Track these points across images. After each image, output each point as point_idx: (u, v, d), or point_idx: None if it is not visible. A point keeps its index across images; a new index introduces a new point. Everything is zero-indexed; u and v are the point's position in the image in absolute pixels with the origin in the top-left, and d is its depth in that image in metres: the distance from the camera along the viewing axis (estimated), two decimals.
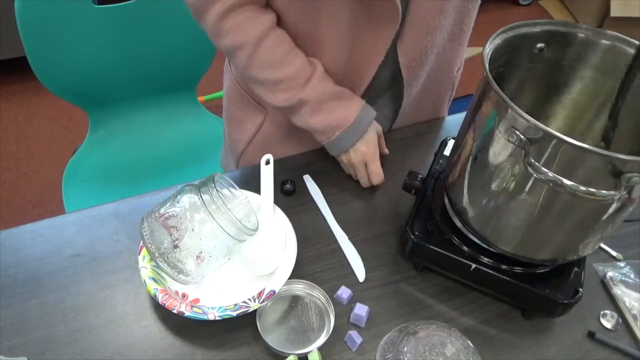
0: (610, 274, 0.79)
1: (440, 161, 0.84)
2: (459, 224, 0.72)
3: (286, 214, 0.77)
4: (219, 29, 0.76)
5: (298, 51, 0.80)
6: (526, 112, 0.53)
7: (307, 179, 0.88)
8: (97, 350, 0.66)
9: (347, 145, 0.83)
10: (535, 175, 0.54)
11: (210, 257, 0.68)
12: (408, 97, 0.90)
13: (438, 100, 1.00)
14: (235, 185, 0.73)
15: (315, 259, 0.78)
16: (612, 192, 0.52)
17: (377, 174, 0.86)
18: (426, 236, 0.73)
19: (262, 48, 0.77)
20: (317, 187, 0.87)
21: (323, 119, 0.81)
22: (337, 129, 0.81)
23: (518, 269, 0.70)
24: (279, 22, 0.80)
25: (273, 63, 0.78)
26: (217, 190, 0.67)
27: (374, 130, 0.85)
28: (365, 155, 0.84)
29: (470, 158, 0.65)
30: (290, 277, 0.71)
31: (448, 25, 0.81)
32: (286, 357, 0.66)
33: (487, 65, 0.59)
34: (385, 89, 0.90)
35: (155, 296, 0.67)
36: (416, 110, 0.97)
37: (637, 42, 0.62)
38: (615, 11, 2.68)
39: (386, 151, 0.92)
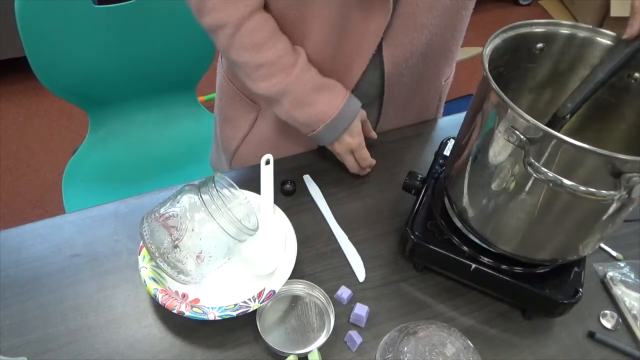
0: (610, 274, 0.79)
1: (441, 161, 0.84)
2: (459, 224, 0.72)
3: (286, 214, 0.77)
4: (202, 6, 0.74)
5: (282, 36, 0.77)
6: (526, 112, 0.53)
7: (307, 179, 0.88)
8: (97, 350, 0.66)
9: (332, 138, 0.83)
10: (535, 175, 0.54)
11: (210, 257, 0.68)
12: (390, 98, 0.89)
13: (423, 107, 0.99)
14: (235, 185, 0.73)
15: (315, 259, 0.78)
16: (612, 192, 0.52)
17: (364, 159, 0.86)
18: (426, 236, 0.73)
19: (244, 29, 0.74)
20: (317, 187, 0.87)
21: (306, 111, 0.80)
22: (320, 122, 0.80)
23: (518, 269, 0.70)
24: (266, 6, 0.78)
25: (254, 46, 0.75)
26: (217, 190, 0.67)
27: (359, 119, 0.84)
28: (350, 145, 0.84)
29: (470, 158, 0.65)
30: (290, 277, 0.71)
31: (437, 26, 0.80)
32: (286, 357, 0.66)
33: (487, 65, 0.59)
34: (372, 95, 0.89)
35: (155, 296, 0.67)
36: (400, 115, 0.96)
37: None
38: (615, 11, 2.69)
39: (373, 135, 0.91)
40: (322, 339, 0.67)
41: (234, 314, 0.66)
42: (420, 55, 0.84)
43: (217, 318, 0.65)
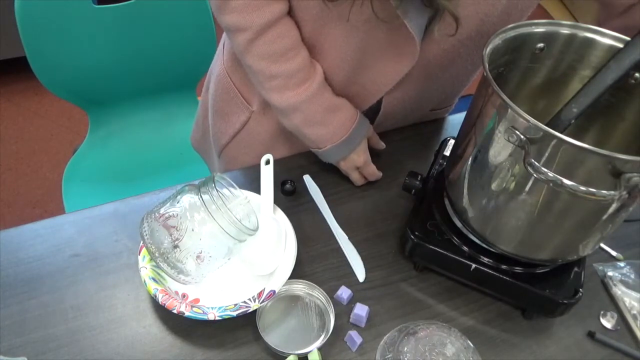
0: (610, 274, 0.79)
1: (440, 161, 0.84)
2: (459, 224, 0.72)
3: (286, 214, 0.77)
4: (224, 4, 0.71)
5: (302, 48, 0.75)
6: (526, 112, 0.53)
7: (307, 179, 0.88)
8: (97, 350, 0.66)
9: (338, 158, 0.83)
10: (535, 175, 0.54)
11: (210, 257, 0.68)
12: (383, 121, 0.90)
13: (423, 118, 1.00)
14: (235, 185, 0.73)
15: (315, 259, 0.78)
16: (612, 192, 0.52)
17: (372, 174, 0.86)
18: (426, 236, 0.73)
19: (265, 37, 0.72)
20: (317, 187, 0.87)
21: (316, 130, 0.79)
22: (328, 142, 0.80)
23: (518, 269, 0.70)
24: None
25: (272, 55, 0.73)
26: (217, 190, 0.67)
27: (365, 138, 0.84)
28: (355, 162, 0.83)
29: (470, 158, 0.65)
30: (290, 277, 0.71)
31: (445, 79, 0.82)
32: (286, 357, 0.66)
33: (487, 65, 0.59)
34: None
35: (155, 296, 0.67)
36: (389, 124, 0.97)
37: None
38: None
39: (382, 146, 0.91)
40: (322, 339, 0.67)
41: (234, 314, 0.66)
42: (421, 98, 0.85)
43: (217, 318, 0.65)
